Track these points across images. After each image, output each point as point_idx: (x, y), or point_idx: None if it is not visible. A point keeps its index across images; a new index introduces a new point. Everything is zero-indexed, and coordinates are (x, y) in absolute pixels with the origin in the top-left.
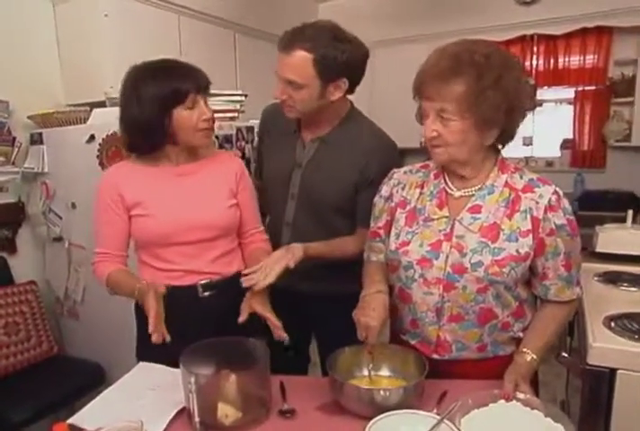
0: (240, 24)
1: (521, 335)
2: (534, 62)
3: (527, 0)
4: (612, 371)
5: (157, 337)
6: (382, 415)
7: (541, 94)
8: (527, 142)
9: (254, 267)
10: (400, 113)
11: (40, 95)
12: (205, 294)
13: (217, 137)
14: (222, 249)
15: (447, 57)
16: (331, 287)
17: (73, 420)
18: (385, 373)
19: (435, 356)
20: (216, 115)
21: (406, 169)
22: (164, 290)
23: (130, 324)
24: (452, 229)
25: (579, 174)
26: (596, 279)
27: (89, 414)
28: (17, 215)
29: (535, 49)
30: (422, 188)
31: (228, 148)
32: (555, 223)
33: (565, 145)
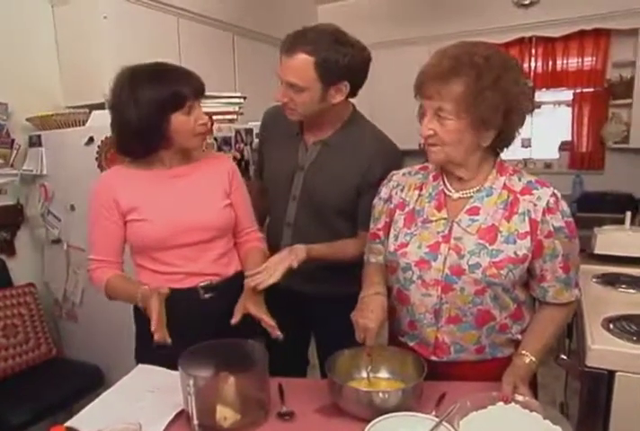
0: (239, 26)
1: (520, 337)
2: (532, 64)
3: (525, 2)
4: (611, 373)
5: (159, 335)
6: (381, 417)
7: (539, 96)
8: (525, 144)
9: (259, 267)
10: (399, 115)
11: (39, 97)
12: (206, 296)
13: (215, 139)
14: (220, 249)
15: (448, 58)
16: (332, 289)
17: (71, 423)
18: (383, 375)
19: (433, 358)
20: (214, 117)
21: (405, 171)
22: (168, 291)
23: (129, 326)
24: (450, 231)
25: (577, 176)
26: (594, 281)
27: (87, 416)
28: (16, 218)
29: (533, 51)
30: (421, 189)
31: (227, 150)
32: (553, 225)
33: (564, 147)
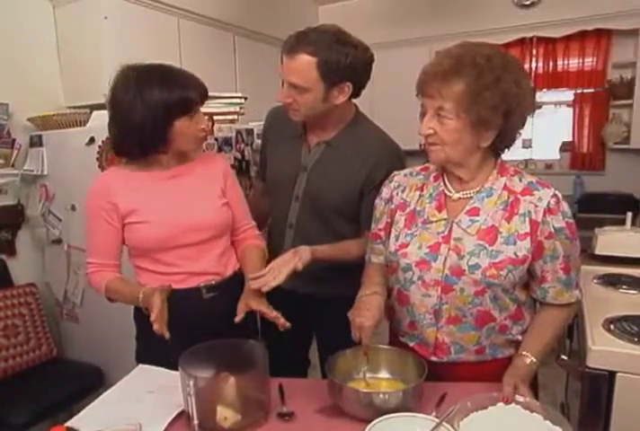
0: (240, 27)
1: (520, 338)
2: (533, 64)
3: (526, 3)
4: (612, 373)
5: (159, 326)
6: (381, 418)
7: (540, 97)
8: (526, 144)
9: (262, 269)
10: (400, 115)
11: (40, 97)
12: (208, 295)
13: (216, 140)
14: (220, 248)
15: (450, 58)
16: (334, 290)
17: (71, 423)
18: (384, 375)
19: (434, 359)
20: (215, 117)
21: (407, 171)
22: (170, 287)
23: (130, 327)
24: (450, 231)
25: (578, 177)
26: (595, 282)
27: (88, 417)
28: (16, 218)
29: (534, 52)
30: (422, 190)
31: (228, 151)
32: (553, 226)
33: (565, 148)
